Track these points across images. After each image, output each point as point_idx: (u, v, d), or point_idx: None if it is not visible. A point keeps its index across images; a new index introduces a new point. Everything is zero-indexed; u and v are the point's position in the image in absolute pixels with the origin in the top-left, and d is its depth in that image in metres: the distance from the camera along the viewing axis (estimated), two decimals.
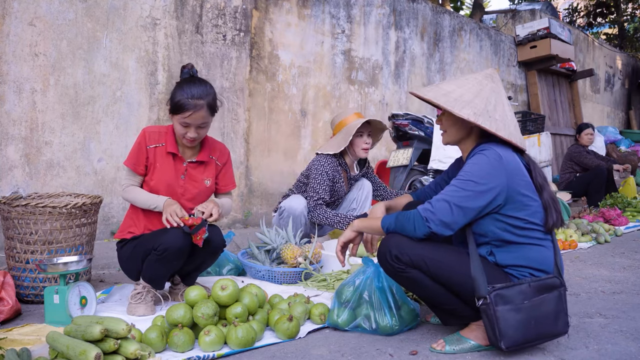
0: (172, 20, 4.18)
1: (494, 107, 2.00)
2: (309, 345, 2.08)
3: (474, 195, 1.90)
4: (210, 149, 2.58)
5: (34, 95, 3.50)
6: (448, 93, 2.03)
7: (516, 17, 9.03)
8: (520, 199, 1.94)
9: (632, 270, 3.57)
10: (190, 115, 2.35)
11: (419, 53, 6.60)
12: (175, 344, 1.97)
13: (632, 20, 15.85)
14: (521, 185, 1.95)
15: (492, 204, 1.92)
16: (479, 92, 2.02)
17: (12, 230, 2.58)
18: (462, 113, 1.97)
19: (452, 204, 1.90)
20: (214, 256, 2.56)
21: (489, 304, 1.86)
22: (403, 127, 5.00)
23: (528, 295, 1.89)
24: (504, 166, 1.93)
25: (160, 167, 2.45)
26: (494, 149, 1.96)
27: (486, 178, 1.91)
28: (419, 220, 1.93)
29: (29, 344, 1.90)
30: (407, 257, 1.97)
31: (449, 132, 2.13)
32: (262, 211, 4.85)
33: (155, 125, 2.60)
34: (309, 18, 5.25)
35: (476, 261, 1.93)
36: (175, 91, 2.39)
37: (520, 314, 1.87)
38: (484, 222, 1.96)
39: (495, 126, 1.97)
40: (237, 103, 4.66)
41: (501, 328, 1.85)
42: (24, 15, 3.44)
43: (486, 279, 1.90)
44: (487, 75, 2.09)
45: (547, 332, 1.93)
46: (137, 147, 2.46)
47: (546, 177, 2.06)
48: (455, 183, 1.95)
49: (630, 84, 12.43)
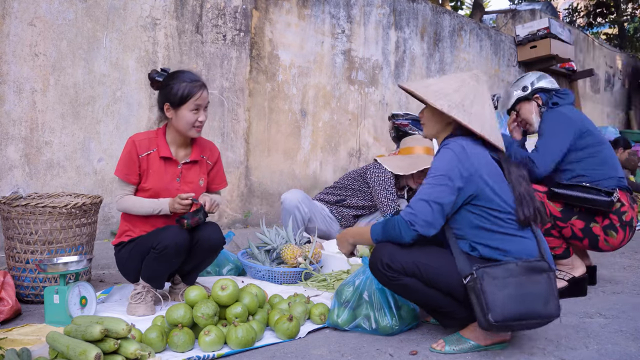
0: (172, 20, 4.18)
1: (471, 103, 2.04)
2: (309, 345, 2.08)
3: (448, 189, 1.93)
4: (200, 148, 2.58)
5: (34, 95, 3.50)
6: (429, 86, 2.10)
7: (516, 17, 9.02)
8: (491, 187, 1.95)
9: (632, 270, 3.57)
10: (200, 95, 2.39)
11: (419, 53, 6.61)
12: (175, 344, 1.97)
13: (632, 20, 15.84)
14: (490, 174, 1.97)
15: (463, 194, 1.94)
16: (459, 87, 2.07)
17: (12, 230, 2.58)
18: (437, 104, 2.02)
19: (430, 202, 1.92)
20: (214, 254, 2.56)
21: (476, 279, 1.85)
22: (403, 127, 5.00)
23: (515, 272, 1.88)
24: (468, 156, 1.96)
25: (155, 173, 2.44)
26: (458, 141, 2.00)
27: (453, 170, 1.94)
28: (403, 225, 1.94)
29: (29, 344, 1.90)
30: (398, 265, 1.97)
31: (427, 125, 2.17)
32: (262, 211, 4.85)
33: (141, 132, 2.59)
34: (309, 18, 5.25)
35: (455, 247, 1.96)
36: (172, 85, 2.39)
37: (508, 289, 1.85)
38: (459, 215, 1.98)
39: (468, 119, 2.00)
40: (237, 103, 4.66)
41: (488, 301, 1.83)
42: (24, 15, 3.44)
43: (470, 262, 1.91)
44: (472, 75, 2.14)
45: (537, 312, 1.88)
46: (127, 157, 2.42)
47: (525, 176, 2.07)
48: (428, 181, 1.98)
49: (630, 84, 12.42)
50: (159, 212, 2.39)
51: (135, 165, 2.42)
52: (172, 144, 2.50)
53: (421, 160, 3.64)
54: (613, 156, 2.94)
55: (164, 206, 2.39)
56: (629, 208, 2.81)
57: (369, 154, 5.93)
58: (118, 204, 2.45)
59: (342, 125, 5.64)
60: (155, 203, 2.40)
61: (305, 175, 5.28)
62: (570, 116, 2.94)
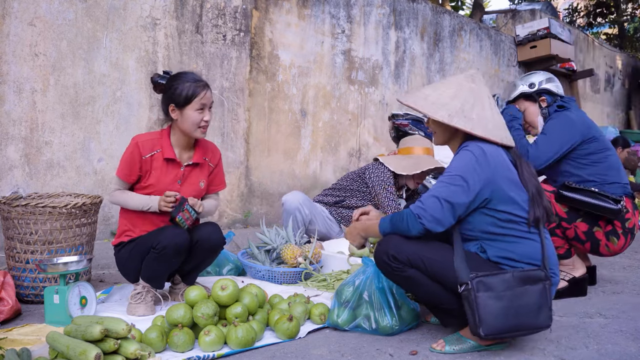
0: (172, 20, 4.18)
1: (471, 107, 2.04)
2: (309, 345, 2.08)
3: (462, 190, 1.93)
4: (203, 150, 2.58)
5: (34, 95, 3.50)
6: (426, 97, 2.10)
7: (516, 17, 9.02)
8: (506, 193, 1.96)
9: (632, 270, 3.57)
10: (205, 94, 2.41)
11: (419, 53, 6.60)
12: (175, 344, 1.97)
13: (632, 20, 15.84)
14: (507, 179, 1.97)
15: (479, 198, 1.95)
16: (457, 93, 2.07)
17: (12, 230, 2.58)
18: (437, 116, 2.03)
19: (442, 199, 1.93)
20: (214, 254, 2.56)
21: (470, 290, 1.87)
22: (403, 127, 5.00)
23: (510, 284, 1.89)
24: (488, 160, 1.96)
25: (156, 174, 2.44)
26: (478, 144, 1.99)
27: (472, 173, 1.94)
28: (411, 218, 1.96)
29: (29, 344, 1.90)
30: (404, 257, 1.98)
31: (437, 134, 2.17)
32: (262, 211, 4.85)
33: (145, 133, 2.60)
34: (309, 18, 5.25)
35: (459, 251, 1.96)
36: (176, 86, 2.40)
37: (501, 302, 1.87)
38: (473, 217, 1.98)
39: (470, 125, 2.00)
40: (237, 103, 4.66)
41: (481, 314, 1.85)
42: (24, 15, 3.44)
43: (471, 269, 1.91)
44: (468, 76, 2.14)
45: (527, 324, 1.92)
46: (129, 158, 2.42)
47: (534, 173, 2.09)
48: (443, 179, 1.98)
49: (630, 84, 12.42)
50: (148, 209, 2.39)
51: (137, 167, 2.43)
52: (177, 146, 2.50)
53: (423, 161, 3.63)
54: (619, 162, 2.95)
55: (153, 203, 2.39)
56: (632, 215, 2.81)
57: (369, 154, 5.93)
58: (111, 196, 2.49)
59: (342, 125, 5.64)
60: (146, 199, 2.41)
61: (305, 175, 5.28)
62: (576, 121, 2.93)
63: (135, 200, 2.42)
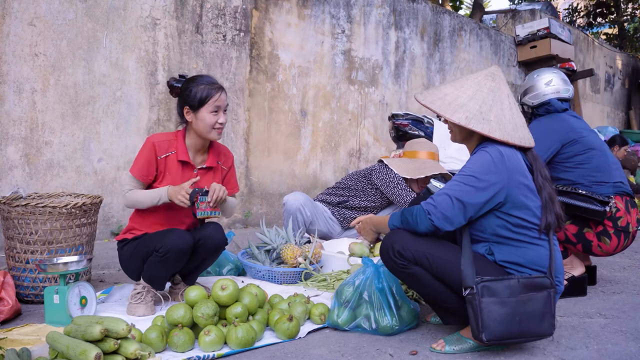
0: (172, 20, 4.18)
1: (490, 108, 2.00)
2: (309, 345, 2.08)
3: (475, 191, 1.91)
4: (216, 153, 2.59)
5: (34, 95, 3.50)
6: (444, 96, 2.05)
7: (516, 17, 9.02)
8: (520, 198, 1.94)
9: (632, 270, 3.57)
10: (219, 96, 2.43)
11: (419, 53, 6.60)
12: (175, 344, 1.97)
13: (632, 20, 15.83)
14: (522, 185, 1.96)
15: (493, 201, 1.93)
16: (475, 93, 2.03)
17: (12, 230, 2.58)
18: (453, 118, 2.00)
19: (453, 198, 1.92)
20: (216, 254, 2.56)
21: (475, 294, 1.86)
22: (403, 127, 4.99)
23: (515, 290, 1.89)
24: (505, 164, 1.94)
25: (171, 176, 2.44)
26: (497, 146, 1.97)
27: (487, 175, 1.92)
28: (421, 214, 1.95)
29: (29, 344, 1.90)
30: (409, 253, 1.97)
31: (454, 132, 2.14)
32: (262, 211, 4.85)
33: (160, 133, 2.60)
34: (309, 18, 5.25)
35: (467, 254, 1.94)
36: (190, 89, 2.42)
37: (505, 308, 1.86)
38: (485, 219, 1.97)
39: (488, 128, 1.97)
40: (237, 103, 4.66)
41: (484, 320, 1.85)
42: (24, 15, 3.44)
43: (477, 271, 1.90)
44: (487, 74, 2.09)
45: (530, 331, 1.92)
46: (146, 159, 2.41)
47: (549, 177, 2.06)
48: (457, 178, 1.96)
49: (630, 84, 12.42)
50: (158, 202, 2.37)
51: (154, 167, 2.42)
52: (191, 149, 2.50)
53: (428, 166, 3.62)
54: (607, 161, 2.89)
55: (162, 194, 2.36)
56: (625, 213, 2.79)
57: (369, 154, 5.93)
58: (125, 199, 2.43)
59: (342, 125, 5.64)
60: (155, 193, 2.38)
61: (305, 175, 5.28)
62: (555, 128, 2.90)
63: (145, 196, 2.39)
